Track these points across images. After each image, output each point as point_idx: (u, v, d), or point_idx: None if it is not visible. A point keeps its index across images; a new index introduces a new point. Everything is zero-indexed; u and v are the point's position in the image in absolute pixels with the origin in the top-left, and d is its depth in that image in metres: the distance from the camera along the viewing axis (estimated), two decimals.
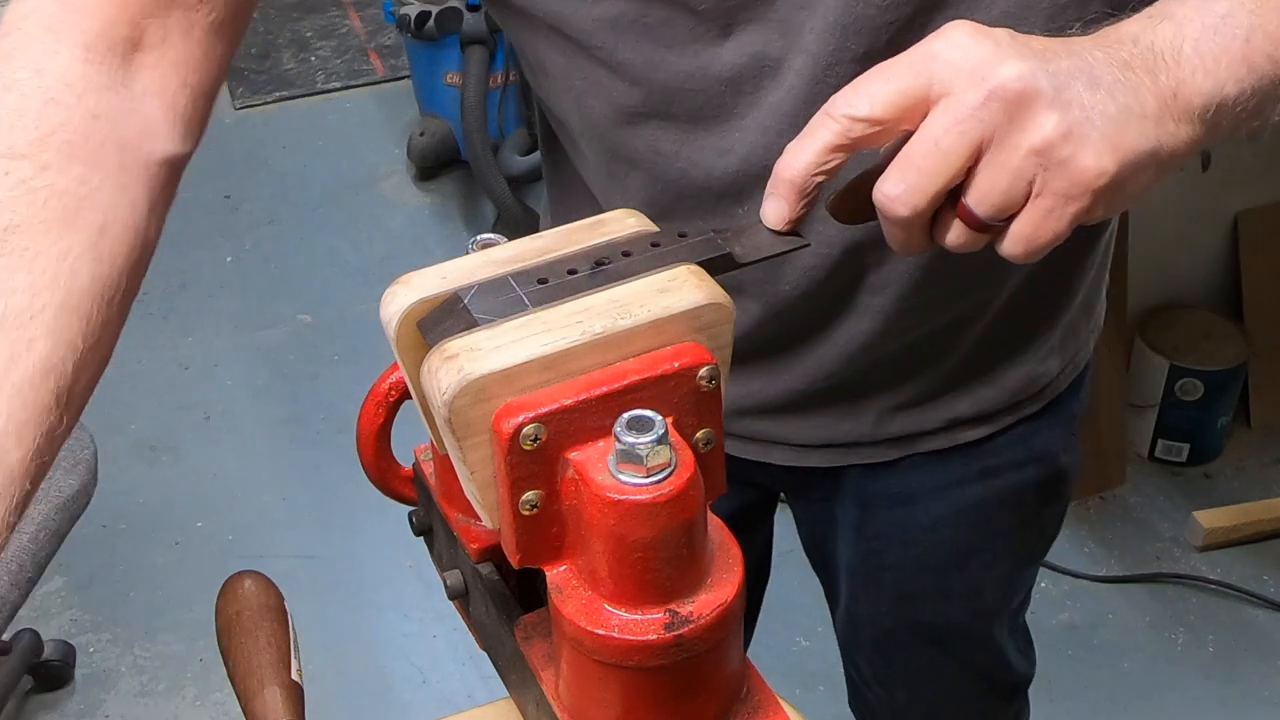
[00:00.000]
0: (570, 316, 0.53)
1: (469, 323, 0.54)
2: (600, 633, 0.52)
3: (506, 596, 0.64)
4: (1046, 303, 0.97)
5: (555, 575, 0.54)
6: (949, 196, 0.61)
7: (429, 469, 0.69)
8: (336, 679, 2.01)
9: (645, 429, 0.50)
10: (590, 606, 0.53)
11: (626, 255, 0.57)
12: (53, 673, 2.04)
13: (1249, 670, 2.03)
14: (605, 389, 0.52)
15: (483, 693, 1.96)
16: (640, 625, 0.52)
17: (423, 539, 0.73)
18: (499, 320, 0.53)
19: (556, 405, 0.51)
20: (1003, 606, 1.18)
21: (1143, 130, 0.60)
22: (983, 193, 0.60)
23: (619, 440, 0.50)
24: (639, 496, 0.50)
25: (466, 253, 0.59)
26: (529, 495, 0.52)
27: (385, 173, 3.23)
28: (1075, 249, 0.94)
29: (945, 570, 1.12)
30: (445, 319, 0.54)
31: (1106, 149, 0.59)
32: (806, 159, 0.61)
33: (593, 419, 0.52)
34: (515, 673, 0.63)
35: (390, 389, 0.68)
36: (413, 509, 0.73)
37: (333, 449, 2.43)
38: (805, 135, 0.62)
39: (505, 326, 0.53)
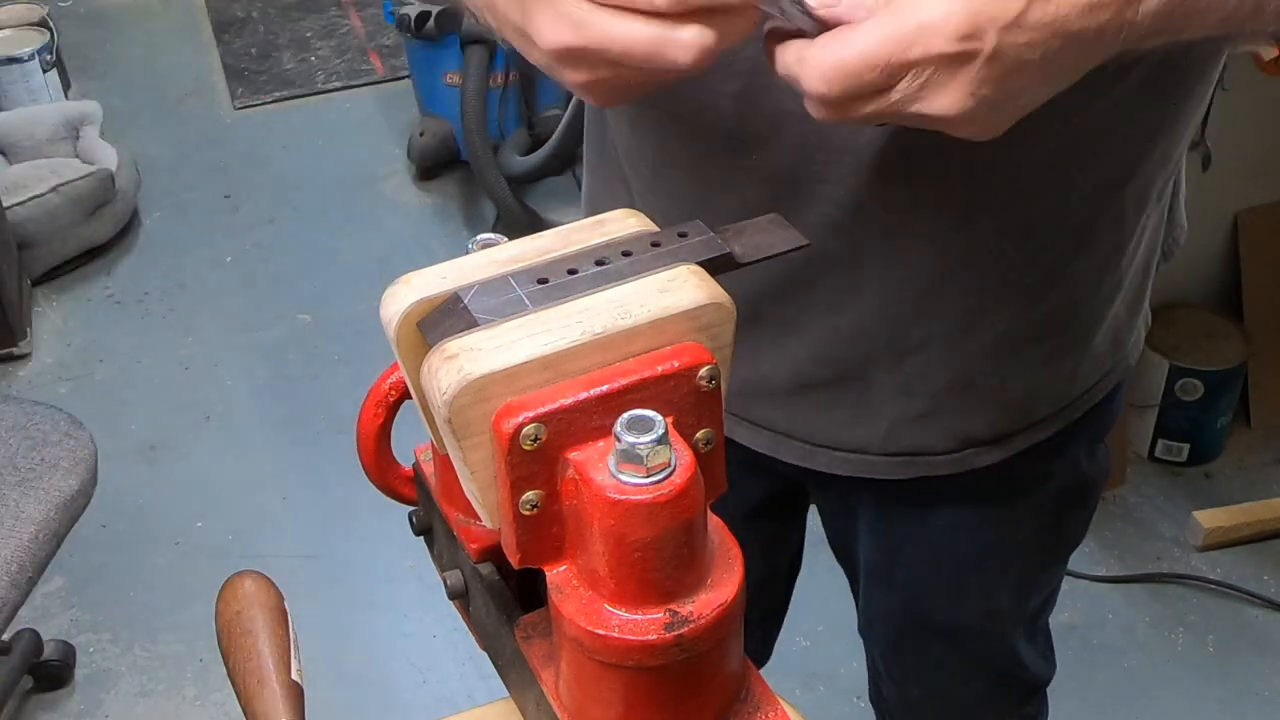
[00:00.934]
0: (570, 316, 0.53)
1: (469, 323, 0.53)
2: (600, 633, 0.52)
3: (506, 596, 0.64)
4: (1058, 313, 0.94)
5: (555, 575, 0.54)
6: None
7: (429, 469, 0.69)
8: (336, 679, 2.01)
9: (645, 429, 0.50)
10: (590, 606, 0.53)
11: (627, 255, 0.57)
12: (53, 673, 2.04)
13: (1249, 670, 2.03)
14: (605, 389, 0.52)
15: (483, 693, 1.96)
16: (640, 625, 0.52)
17: (423, 539, 0.73)
18: (499, 320, 0.53)
19: (556, 405, 0.51)
20: (1019, 609, 1.17)
21: None
22: None
23: (619, 440, 0.50)
24: (639, 496, 0.50)
25: (466, 253, 0.59)
26: (529, 495, 0.52)
27: (385, 173, 3.23)
28: (1084, 277, 0.92)
29: (960, 573, 1.11)
30: (445, 319, 0.54)
31: None
32: None
33: (593, 419, 0.52)
34: (515, 673, 0.63)
35: (390, 389, 0.68)
36: (413, 509, 0.73)
37: (333, 449, 2.43)
38: None
39: (505, 326, 0.53)
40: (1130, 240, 0.94)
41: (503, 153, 2.87)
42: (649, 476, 0.50)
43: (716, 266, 0.58)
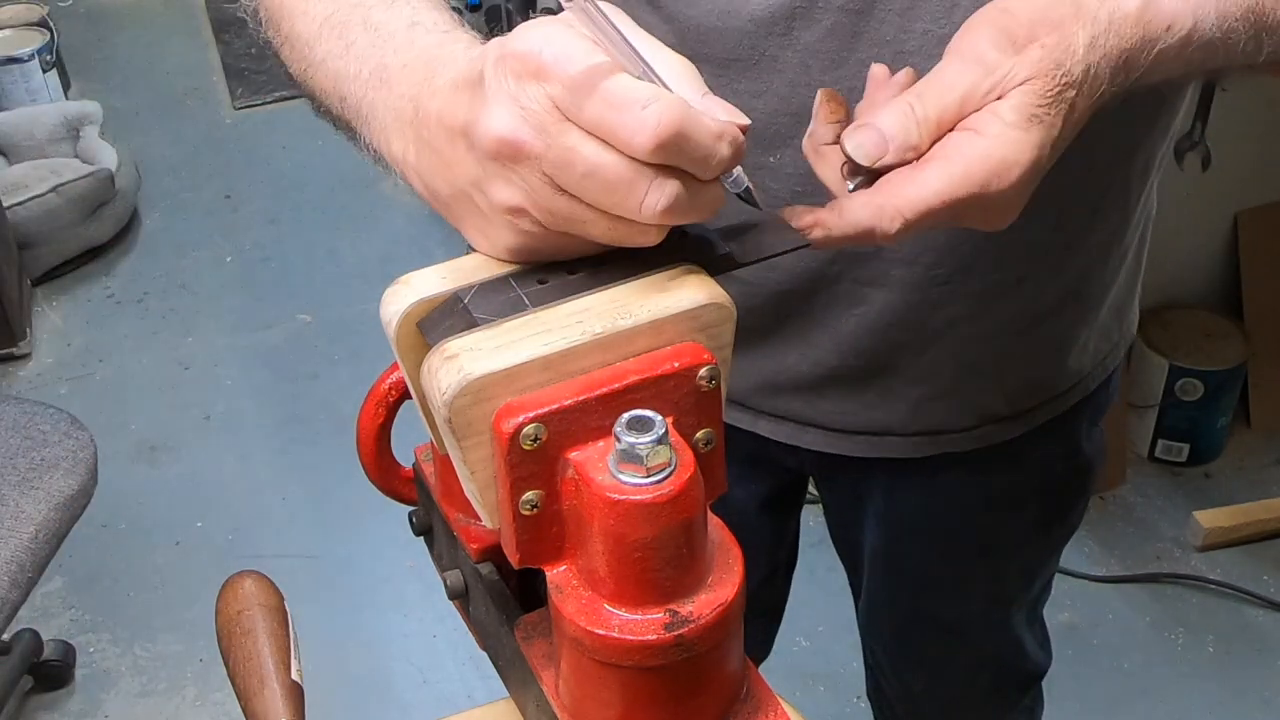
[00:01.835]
0: (570, 316, 0.53)
1: (469, 323, 0.53)
2: (600, 633, 0.52)
3: (506, 596, 0.64)
4: (1073, 285, 0.96)
5: (555, 575, 0.54)
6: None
7: (429, 469, 0.69)
8: (336, 679, 2.01)
9: (645, 429, 0.50)
10: (590, 606, 0.53)
11: (627, 255, 0.57)
12: (53, 673, 2.04)
13: (1249, 670, 2.03)
14: (605, 389, 0.52)
15: (483, 693, 1.96)
16: (640, 625, 0.52)
17: (423, 539, 0.73)
18: (499, 320, 0.53)
19: (556, 405, 0.51)
20: (1022, 594, 1.18)
21: None
22: None
23: (619, 440, 0.50)
24: (639, 496, 0.50)
25: (466, 253, 0.59)
26: (529, 495, 0.52)
27: (385, 173, 3.23)
28: (1096, 247, 0.94)
29: (968, 558, 1.12)
30: (445, 319, 0.54)
31: None
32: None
33: (593, 419, 0.52)
34: (515, 673, 0.63)
35: (390, 389, 0.68)
36: (413, 509, 0.73)
37: (333, 449, 2.43)
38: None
39: (505, 326, 0.53)
40: (1135, 210, 0.96)
41: None
42: (649, 476, 0.50)
43: (716, 266, 0.58)
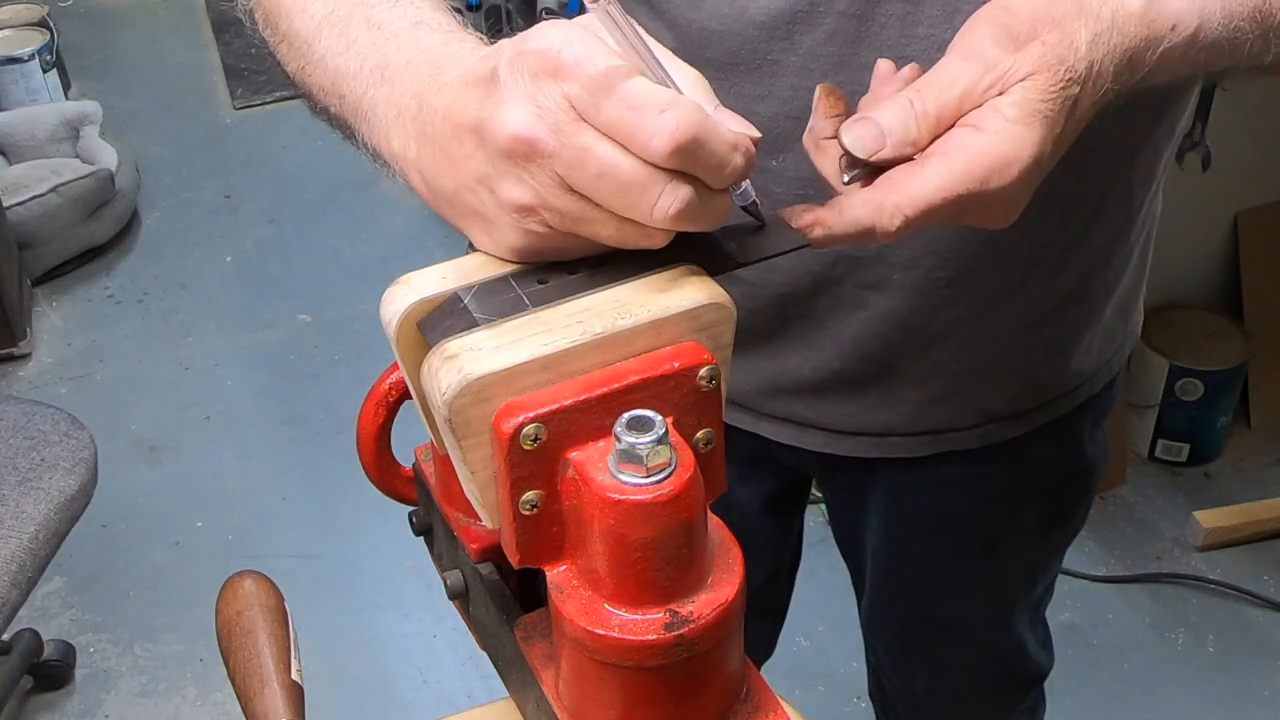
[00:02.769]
0: (570, 316, 0.53)
1: (469, 323, 0.53)
2: (600, 633, 0.52)
3: (506, 596, 0.64)
4: (1075, 286, 0.96)
5: (555, 575, 0.54)
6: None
7: (429, 469, 0.69)
8: (336, 679, 2.01)
9: (645, 429, 0.50)
10: (590, 606, 0.53)
11: (627, 255, 0.57)
12: (53, 673, 2.04)
13: (1249, 670, 2.03)
14: (605, 389, 0.52)
15: (483, 693, 1.96)
16: (640, 625, 0.52)
17: (423, 539, 0.73)
18: (499, 320, 0.53)
19: (556, 405, 0.51)
20: (1025, 595, 1.18)
21: None
22: None
23: (619, 440, 0.50)
24: (639, 496, 0.50)
25: (466, 253, 0.59)
26: (529, 495, 0.52)
27: (385, 173, 3.23)
28: (1099, 249, 0.94)
29: (971, 559, 1.12)
30: (445, 319, 0.54)
31: None
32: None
33: (593, 419, 0.52)
34: (515, 673, 0.63)
35: (390, 389, 0.68)
36: (413, 509, 0.73)
37: (333, 449, 2.43)
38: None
39: (505, 326, 0.53)
40: (1139, 211, 0.96)
41: None
42: (649, 476, 0.50)
43: (717, 267, 0.58)
